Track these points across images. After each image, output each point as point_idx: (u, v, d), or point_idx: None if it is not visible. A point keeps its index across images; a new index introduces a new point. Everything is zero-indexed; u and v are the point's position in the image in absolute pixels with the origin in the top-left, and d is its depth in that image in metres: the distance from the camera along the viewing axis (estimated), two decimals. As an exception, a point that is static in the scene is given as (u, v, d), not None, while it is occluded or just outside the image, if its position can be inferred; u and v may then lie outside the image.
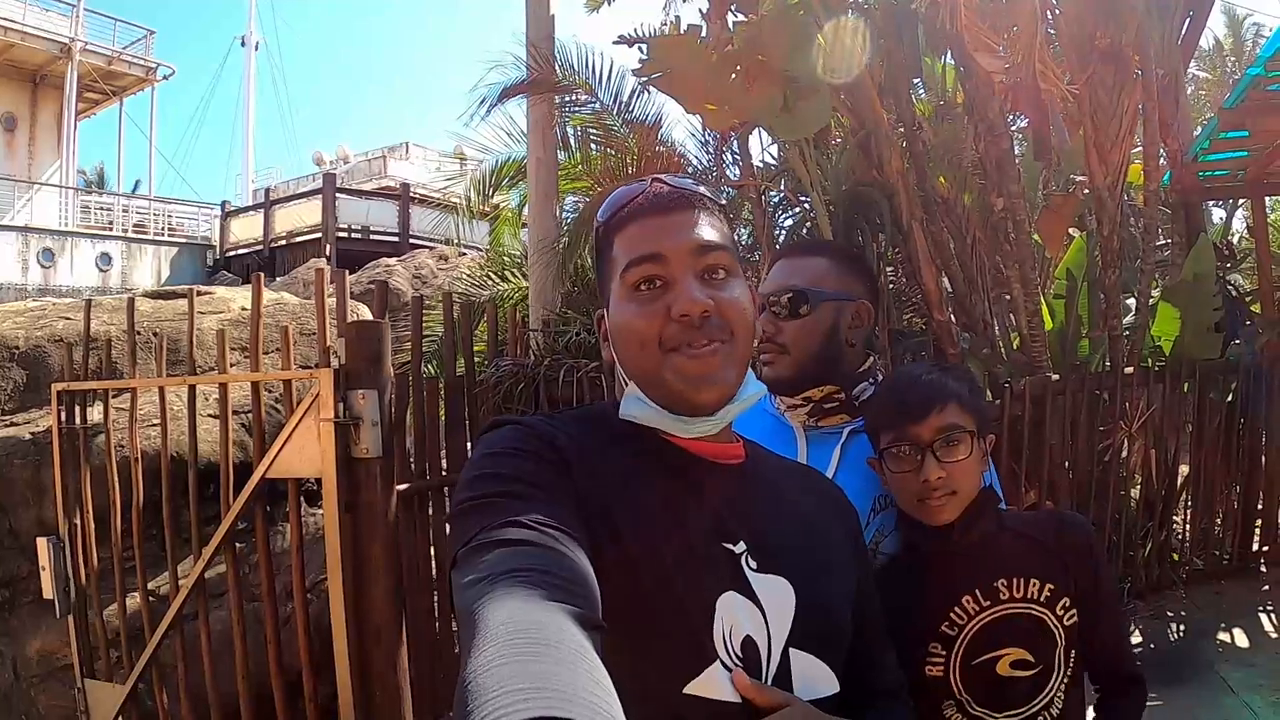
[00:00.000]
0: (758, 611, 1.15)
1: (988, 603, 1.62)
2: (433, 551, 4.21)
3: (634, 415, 1.24)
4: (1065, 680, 1.64)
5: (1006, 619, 1.62)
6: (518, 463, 1.11)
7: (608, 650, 0.87)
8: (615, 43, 6.06)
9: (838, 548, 1.34)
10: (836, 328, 1.84)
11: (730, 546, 1.17)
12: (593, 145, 8.47)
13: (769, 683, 1.13)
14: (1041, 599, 1.62)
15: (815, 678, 1.18)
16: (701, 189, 1.29)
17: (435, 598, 4.21)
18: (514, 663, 0.76)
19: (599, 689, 0.77)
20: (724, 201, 1.37)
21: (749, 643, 1.12)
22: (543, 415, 1.28)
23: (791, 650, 1.16)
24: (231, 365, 4.04)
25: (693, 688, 1.07)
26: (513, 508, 1.02)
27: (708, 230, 1.23)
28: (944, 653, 1.62)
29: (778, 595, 1.17)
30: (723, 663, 1.09)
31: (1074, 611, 1.63)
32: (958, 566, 1.64)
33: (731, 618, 1.12)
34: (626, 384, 1.26)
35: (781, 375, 1.83)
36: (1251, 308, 8.26)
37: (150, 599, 4.18)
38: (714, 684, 1.08)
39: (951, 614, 1.62)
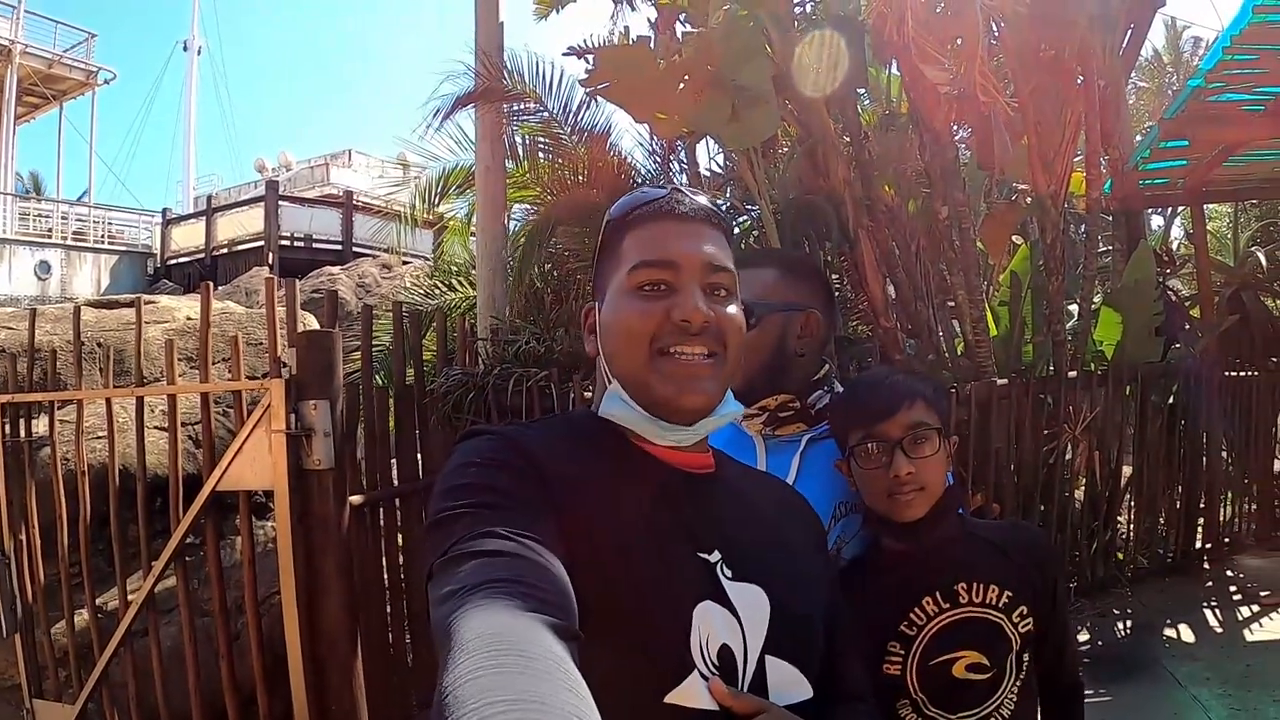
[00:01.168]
0: (734, 620, 1.15)
1: (947, 605, 1.64)
2: (385, 563, 4.18)
3: (612, 414, 1.24)
4: (1017, 684, 1.67)
5: (964, 622, 1.64)
6: (492, 473, 1.11)
7: (586, 661, 0.87)
8: (565, 54, 6.07)
9: (807, 555, 1.36)
10: (784, 339, 1.84)
11: (706, 556, 1.18)
12: (541, 154, 8.45)
13: (745, 690, 1.14)
14: (1000, 605, 1.65)
15: (790, 684, 1.19)
16: (718, 209, 1.32)
17: (389, 610, 4.18)
18: (492, 674, 0.77)
19: (577, 699, 0.78)
20: (730, 224, 1.38)
21: (725, 651, 1.13)
22: (517, 424, 1.28)
23: (767, 657, 1.17)
24: (179, 376, 3.99)
25: (672, 697, 1.07)
26: (488, 518, 1.02)
27: (718, 250, 1.26)
28: (902, 652, 1.64)
29: (753, 603, 1.18)
30: (700, 672, 1.10)
31: (1030, 620, 1.66)
32: (920, 568, 1.66)
33: (708, 627, 1.12)
34: (610, 381, 1.26)
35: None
36: (1191, 312, 8.44)
37: (99, 616, 4.12)
38: (693, 693, 1.08)
39: (911, 614, 1.64)
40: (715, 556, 1.18)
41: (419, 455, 4.43)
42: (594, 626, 0.97)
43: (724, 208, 5.62)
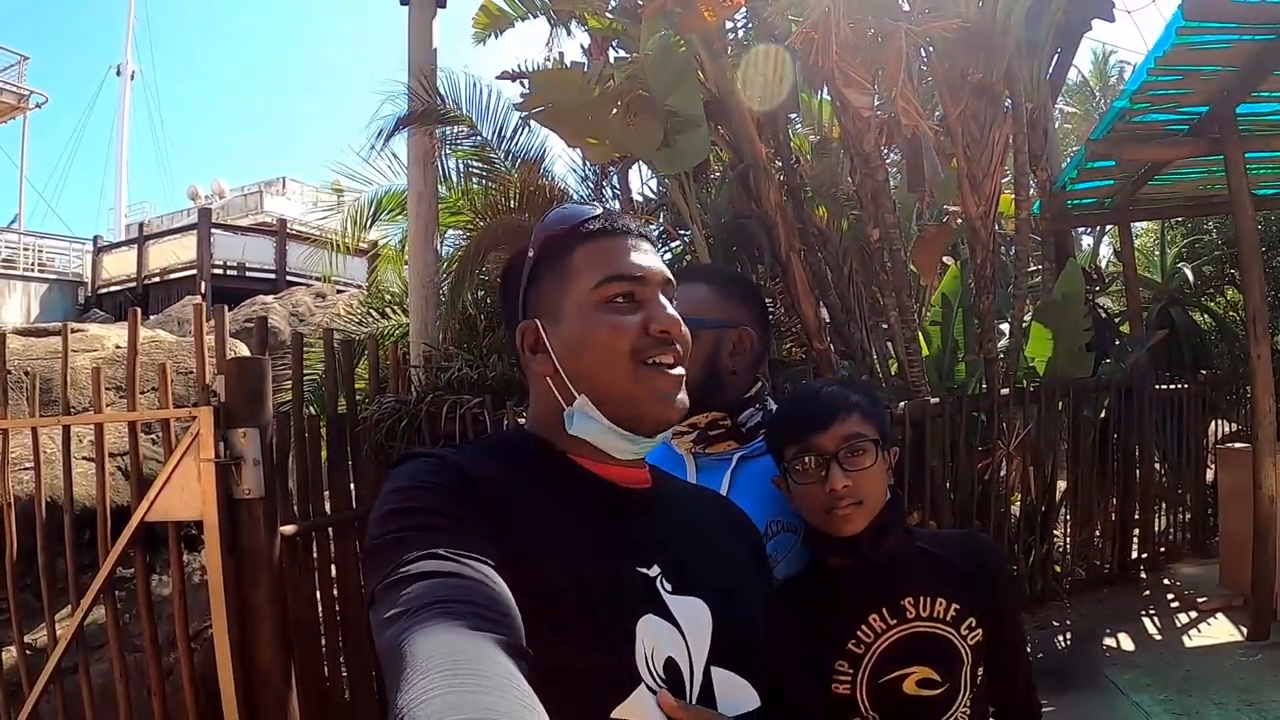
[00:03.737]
0: (677, 632, 1.15)
1: (894, 621, 1.61)
2: (319, 595, 4.12)
3: (582, 431, 1.23)
4: (970, 699, 1.64)
5: (913, 637, 1.61)
6: (430, 495, 1.09)
7: (533, 678, 0.87)
8: (499, 78, 6.09)
9: (746, 566, 1.37)
10: (716, 356, 1.81)
11: (645, 570, 1.18)
12: (474, 179, 8.44)
13: (693, 701, 1.14)
14: (948, 618, 1.62)
15: (737, 694, 1.20)
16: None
17: (324, 641, 4.12)
18: (449, 693, 0.77)
19: (533, 715, 0.79)
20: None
21: (671, 664, 1.13)
22: (452, 446, 1.27)
23: (713, 668, 1.18)
24: (107, 405, 3.92)
25: (621, 711, 1.07)
26: (428, 540, 1.01)
27: (666, 268, 1.29)
28: (850, 671, 1.61)
29: (695, 615, 1.18)
30: (647, 685, 1.09)
31: (979, 631, 1.63)
32: (865, 583, 1.63)
33: (653, 640, 1.12)
34: (574, 397, 1.24)
35: None
36: (1120, 328, 8.60)
37: (28, 652, 4.02)
38: (641, 706, 1.08)
39: (859, 632, 1.62)
40: (655, 570, 1.19)
41: (351, 484, 4.38)
42: (539, 643, 0.96)
43: (657, 233, 5.65)
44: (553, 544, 1.13)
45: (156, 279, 21.79)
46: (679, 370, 1.25)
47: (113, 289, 22.70)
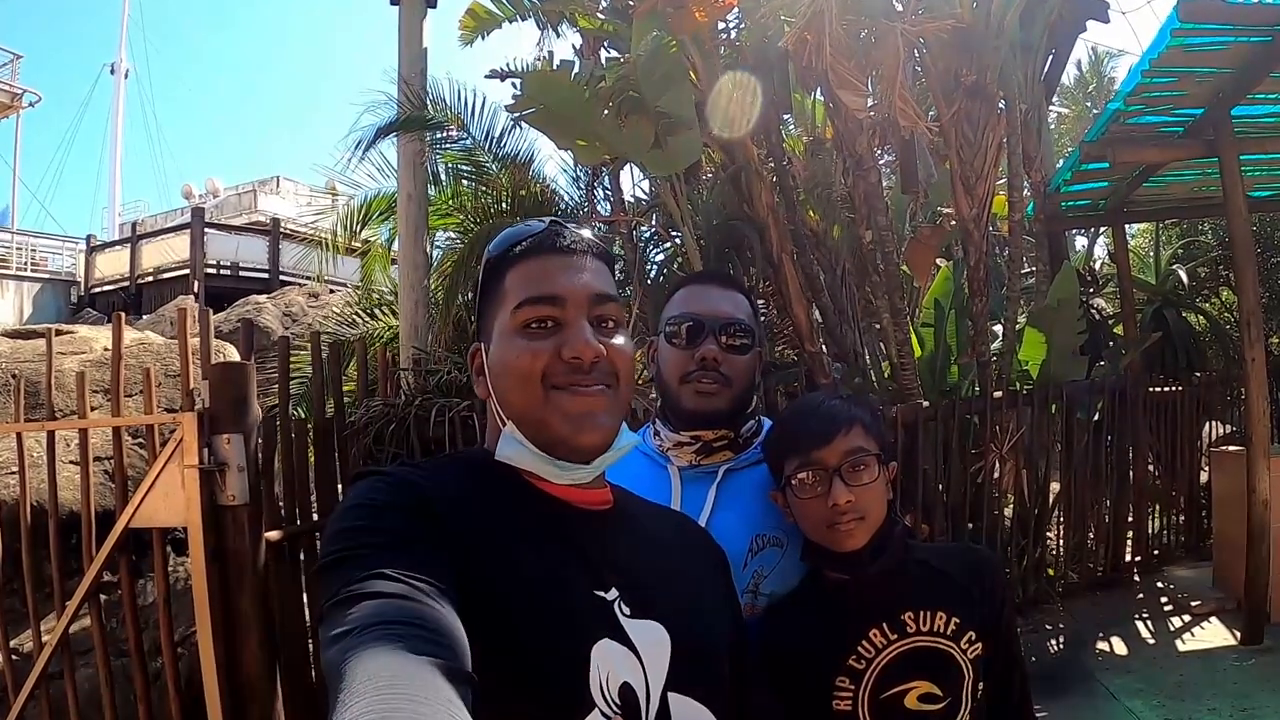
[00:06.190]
0: (634, 657, 1.14)
1: (895, 636, 1.61)
2: (305, 600, 4.10)
3: (509, 457, 1.22)
4: (971, 712, 1.63)
5: (914, 652, 1.60)
6: (382, 515, 1.08)
7: (486, 703, 0.87)
8: (487, 77, 6.06)
9: (710, 590, 1.35)
10: (756, 372, 1.84)
11: (602, 594, 1.16)
12: (464, 181, 8.44)
13: None
14: (948, 632, 1.61)
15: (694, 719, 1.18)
16: (601, 242, 1.30)
17: (310, 648, 4.09)
18: (384, 718, 0.77)
19: None
20: (613, 255, 1.38)
21: (627, 689, 1.12)
22: (409, 464, 1.25)
23: (670, 694, 1.16)
24: (93, 409, 3.88)
25: None
26: (379, 560, 1.00)
27: (603, 281, 1.25)
28: (851, 687, 1.60)
29: (653, 640, 1.17)
30: (601, 711, 1.08)
31: (979, 645, 1.63)
32: (865, 599, 1.62)
33: (608, 665, 1.11)
34: (504, 423, 1.24)
35: (719, 408, 1.78)
36: (1114, 330, 8.60)
37: (13, 658, 4.00)
38: None
39: (860, 647, 1.61)
40: (612, 594, 1.18)
41: (339, 489, 4.35)
42: (490, 667, 0.96)
43: (648, 234, 5.60)
44: (507, 566, 1.12)
45: (150, 278, 21.70)
46: (600, 391, 1.21)
47: (106, 288, 22.62)
